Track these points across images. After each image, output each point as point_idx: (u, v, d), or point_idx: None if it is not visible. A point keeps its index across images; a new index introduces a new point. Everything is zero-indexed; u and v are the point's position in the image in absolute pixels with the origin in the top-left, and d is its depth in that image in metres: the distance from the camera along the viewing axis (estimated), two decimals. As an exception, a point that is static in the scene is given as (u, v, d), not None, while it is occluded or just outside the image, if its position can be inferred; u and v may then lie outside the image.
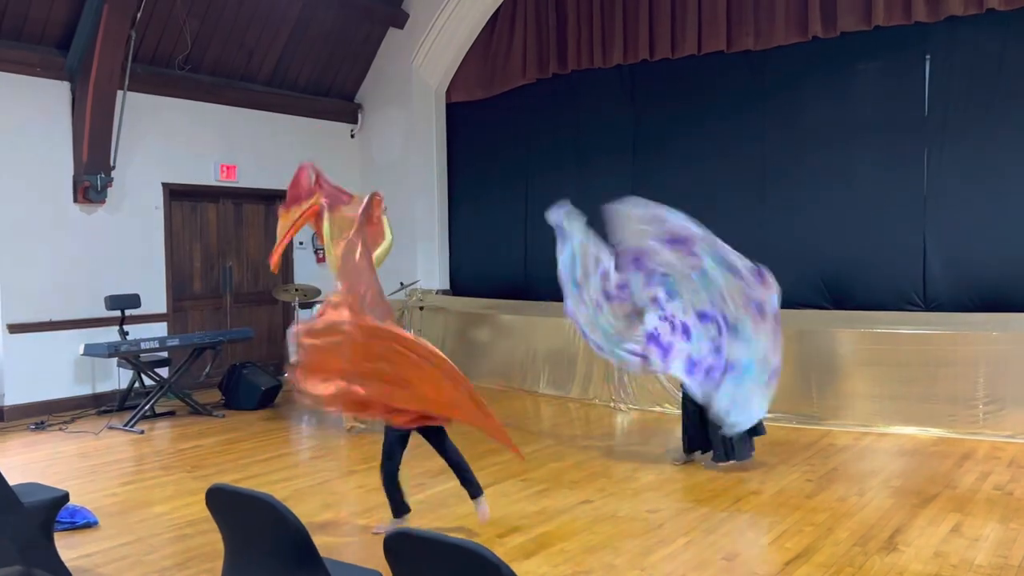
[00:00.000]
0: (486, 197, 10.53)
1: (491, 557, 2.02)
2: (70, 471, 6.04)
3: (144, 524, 4.85)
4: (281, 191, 10.22)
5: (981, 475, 5.57)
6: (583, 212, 9.53)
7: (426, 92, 10.62)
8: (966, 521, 4.64)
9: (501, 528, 4.67)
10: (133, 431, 7.31)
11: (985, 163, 7.32)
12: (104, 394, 8.41)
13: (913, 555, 4.16)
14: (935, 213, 7.56)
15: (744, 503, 5.08)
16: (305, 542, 2.50)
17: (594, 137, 9.53)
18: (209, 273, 9.72)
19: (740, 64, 8.51)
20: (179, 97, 9.17)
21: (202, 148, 9.41)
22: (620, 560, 4.19)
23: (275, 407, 8.38)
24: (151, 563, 4.25)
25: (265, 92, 10.04)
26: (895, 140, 7.72)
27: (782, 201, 8.27)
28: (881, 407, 6.89)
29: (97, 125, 8.17)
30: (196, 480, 5.76)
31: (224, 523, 2.74)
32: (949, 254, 7.49)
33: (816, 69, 8.12)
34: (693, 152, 8.80)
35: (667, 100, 9.06)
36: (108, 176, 8.35)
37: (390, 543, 2.24)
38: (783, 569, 4.02)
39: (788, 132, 8.28)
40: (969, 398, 6.61)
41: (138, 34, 8.31)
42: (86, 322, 8.24)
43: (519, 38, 9.94)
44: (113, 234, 8.58)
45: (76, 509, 4.77)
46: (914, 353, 6.86)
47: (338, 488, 5.54)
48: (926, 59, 7.60)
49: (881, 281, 7.76)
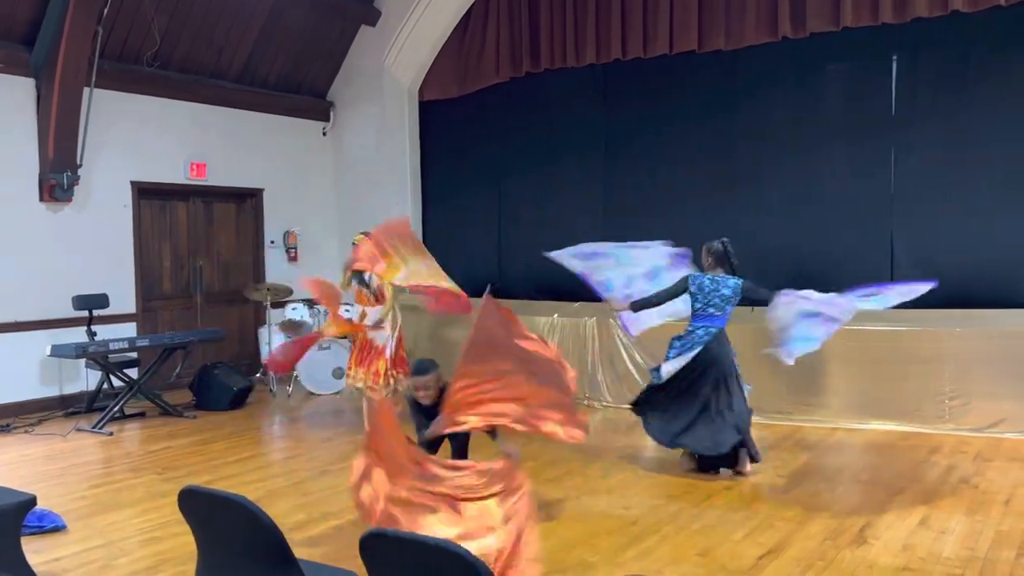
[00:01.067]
0: (459, 195, 10.51)
1: (468, 557, 2.02)
2: (37, 474, 5.95)
3: (114, 527, 4.78)
4: (252, 189, 10.18)
5: (948, 469, 5.67)
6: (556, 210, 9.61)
7: (399, 90, 10.57)
8: (933, 514, 4.72)
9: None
10: (102, 433, 7.21)
11: (951, 162, 7.44)
12: (72, 395, 8.28)
13: (882, 548, 4.23)
14: (902, 212, 7.67)
15: (717, 499, 5.13)
16: (279, 543, 2.49)
17: (567, 135, 9.56)
18: (179, 272, 9.60)
19: (711, 64, 8.57)
20: (148, 94, 9.05)
21: (171, 146, 9.29)
22: (595, 558, 4.21)
23: (247, 407, 8.31)
24: (121, 567, 4.20)
25: (235, 89, 9.94)
26: (863, 139, 7.83)
27: (752, 199, 8.34)
28: (851, 403, 6.99)
29: (63, 122, 8.04)
30: (167, 482, 5.69)
31: (197, 525, 2.72)
32: (916, 252, 7.60)
33: (786, 69, 8.21)
34: (664, 150, 8.86)
35: (639, 99, 9.10)
36: (75, 174, 8.23)
37: (366, 543, 2.23)
38: (756, 564, 4.06)
39: (758, 131, 8.36)
40: (936, 393, 6.73)
41: (105, 30, 8.19)
42: (53, 322, 8.11)
43: (492, 36, 9.93)
44: (80, 233, 8.45)
45: (44, 513, 4.69)
46: (883, 350, 6.96)
47: (312, 488, 5.51)
48: (893, 60, 7.71)
49: (849, 279, 7.80)
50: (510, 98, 9.98)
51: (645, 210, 8.93)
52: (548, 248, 9.66)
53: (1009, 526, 4.50)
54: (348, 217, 10.80)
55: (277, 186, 10.36)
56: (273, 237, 10.43)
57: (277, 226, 10.46)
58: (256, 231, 10.32)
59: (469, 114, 10.34)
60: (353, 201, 10.86)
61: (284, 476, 5.87)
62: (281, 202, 10.40)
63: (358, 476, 3.86)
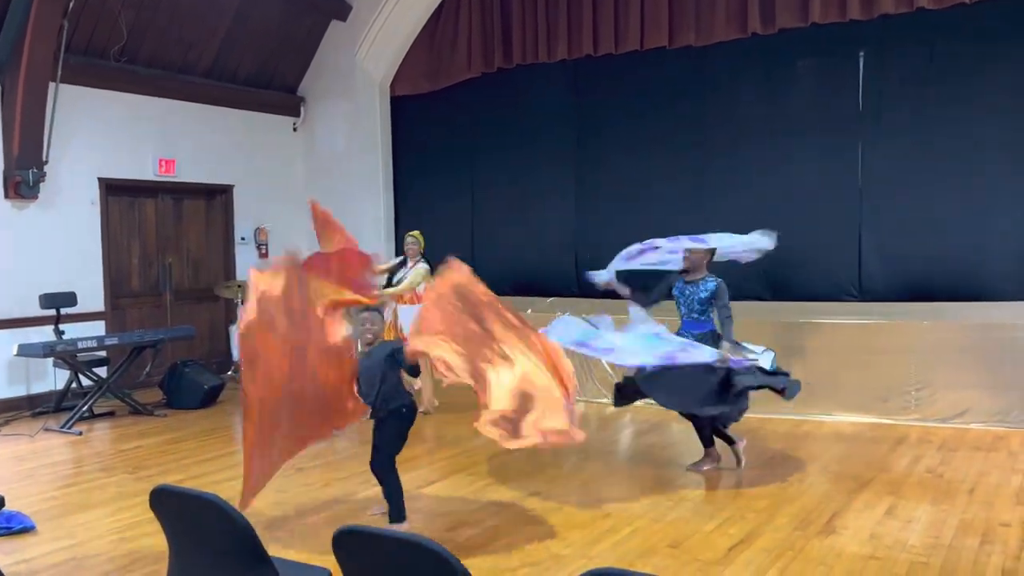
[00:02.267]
0: (432, 190, 10.49)
1: (441, 551, 2.03)
2: (5, 475, 5.87)
3: (84, 527, 4.74)
4: (222, 185, 10.08)
5: (914, 459, 5.78)
6: (529, 205, 9.62)
7: (370, 85, 10.53)
8: (900, 504, 4.81)
9: (450, 521, 4.69)
10: (71, 433, 7.12)
11: (917, 157, 7.57)
12: (39, 395, 8.17)
13: (850, 537, 4.30)
14: (870, 206, 7.78)
15: (688, 491, 5.19)
16: (253, 542, 2.48)
17: (539, 131, 9.58)
18: (148, 270, 9.50)
19: (681, 59, 8.64)
20: (115, 89, 8.93)
21: (139, 142, 9.18)
22: (568, 550, 4.24)
23: (218, 405, 8.24)
24: (92, 567, 4.16)
25: (204, 84, 9.84)
26: (831, 135, 7.93)
27: (721, 194, 8.42)
28: (818, 395, 7.08)
29: (28, 118, 7.91)
30: (138, 481, 5.65)
31: (169, 525, 2.70)
32: (884, 246, 7.73)
33: (755, 65, 8.29)
34: (635, 146, 8.92)
35: (610, 94, 9.14)
36: (41, 171, 8.10)
37: (338, 540, 2.23)
38: (727, 554, 4.12)
39: (727, 126, 8.44)
40: (902, 385, 6.85)
41: (71, 24, 8.07)
42: (19, 321, 7.99)
43: (464, 31, 9.91)
44: (47, 230, 8.32)
45: (12, 514, 4.64)
46: (850, 342, 7.08)
47: (285, 486, 5.47)
48: (860, 56, 7.82)
49: (818, 272, 7.97)
50: (482, 93, 9.98)
51: (616, 205, 8.98)
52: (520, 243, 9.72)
53: (973, 514, 4.60)
54: (320, 213, 10.71)
55: (247, 182, 10.28)
56: (243, 234, 10.35)
57: (247, 223, 10.38)
58: (226, 228, 10.24)
59: (441, 109, 10.32)
60: (324, 197, 10.67)
61: (257, 474, 5.82)
62: (251, 198, 10.32)
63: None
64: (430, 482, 5.49)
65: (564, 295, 9.11)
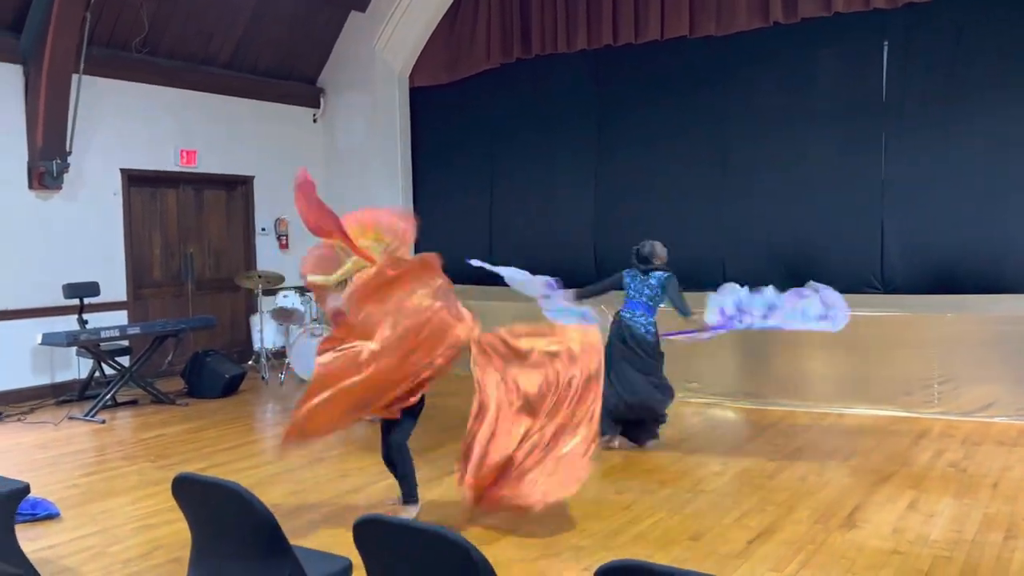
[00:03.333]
0: (451, 182, 10.49)
1: (461, 541, 2.04)
2: (29, 462, 5.94)
3: (107, 515, 4.79)
4: (243, 176, 10.13)
5: (936, 453, 5.72)
6: (548, 196, 9.60)
7: (389, 76, 10.53)
8: (922, 498, 4.77)
9: (468, 512, 4.69)
10: (94, 421, 7.21)
11: (941, 148, 7.47)
12: (63, 384, 8.26)
13: (872, 531, 4.27)
14: (893, 197, 7.70)
15: (708, 483, 5.17)
16: (274, 530, 2.50)
17: (558, 122, 9.54)
18: (170, 260, 9.58)
19: (702, 49, 8.56)
20: (137, 81, 8.99)
21: (161, 133, 9.24)
22: (587, 542, 4.24)
23: (239, 395, 8.31)
24: (115, 554, 4.21)
25: (225, 75, 9.88)
26: (854, 125, 7.84)
27: (743, 186, 8.36)
28: (840, 388, 7.04)
29: (52, 110, 7.98)
30: (160, 470, 5.70)
31: (191, 513, 2.72)
32: (906, 238, 7.64)
33: (777, 54, 8.21)
34: (656, 137, 8.86)
35: (630, 85, 9.09)
36: (64, 162, 8.18)
37: (359, 529, 2.24)
38: (746, 547, 4.10)
39: (749, 117, 8.36)
40: (924, 378, 6.78)
41: (93, 16, 8.12)
42: (44, 311, 8.08)
43: (483, 22, 9.89)
44: (70, 221, 8.41)
45: (37, 501, 4.70)
46: (872, 335, 7.00)
47: (305, 475, 5.52)
48: (884, 45, 7.72)
49: (840, 264, 7.89)
50: (501, 84, 9.96)
51: (636, 196, 8.94)
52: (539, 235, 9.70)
53: (997, 509, 4.54)
54: (338, 204, 10.63)
55: (267, 173, 10.32)
56: (264, 224, 10.40)
57: (268, 213, 10.43)
58: (247, 218, 10.29)
59: (460, 100, 10.31)
60: (344, 187, 10.80)
61: (276, 463, 5.87)
62: (272, 189, 10.36)
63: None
64: (449, 472, 5.49)
65: (583, 286, 9.07)
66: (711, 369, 7.43)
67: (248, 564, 2.55)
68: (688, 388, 7.32)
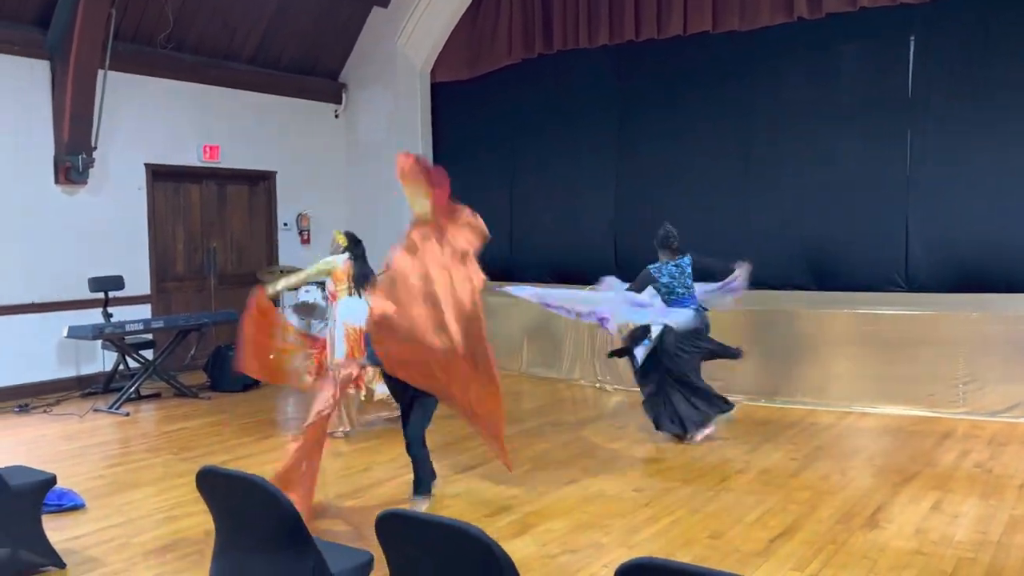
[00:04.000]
0: (471, 177, 10.44)
1: (483, 537, 2.04)
2: (55, 453, 6.02)
3: (131, 506, 4.84)
4: (265, 171, 10.19)
5: (961, 453, 5.66)
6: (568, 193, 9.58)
7: (411, 71, 10.54)
8: (946, 498, 4.72)
9: (489, 508, 4.71)
10: (118, 413, 7.29)
11: (967, 145, 7.37)
12: (88, 376, 8.36)
13: (895, 532, 4.23)
14: (918, 194, 7.61)
15: (729, 482, 5.14)
16: (296, 524, 2.52)
17: (580, 117, 9.52)
18: (193, 255, 9.66)
19: (725, 45, 8.50)
20: (161, 76, 9.07)
21: (185, 128, 9.32)
22: (607, 539, 4.23)
23: (260, 389, 8.36)
24: (139, 545, 4.26)
25: (248, 71, 9.94)
26: (879, 121, 7.76)
27: (766, 182, 8.30)
28: (863, 387, 6.97)
29: (78, 105, 8.07)
30: (183, 462, 5.76)
31: (215, 505, 2.75)
32: (931, 235, 7.55)
33: (801, 50, 8.13)
34: (678, 133, 8.81)
35: (653, 80, 9.05)
36: (90, 156, 8.27)
37: (381, 523, 2.25)
38: (767, 546, 4.07)
39: (772, 113, 8.30)
40: (949, 377, 6.70)
41: (119, 11, 8.20)
42: (70, 304, 8.18)
43: (505, 17, 9.88)
44: (96, 215, 8.50)
45: (63, 491, 4.76)
46: (896, 333, 6.93)
47: (327, 468, 5.53)
48: (910, 41, 7.62)
49: (864, 262, 7.82)
50: (523, 79, 9.94)
51: (658, 193, 8.89)
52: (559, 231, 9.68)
53: (1023, 511, 4.49)
54: (360, 199, 10.82)
55: (290, 168, 10.38)
56: (286, 219, 10.46)
57: (290, 208, 10.49)
58: (269, 213, 10.36)
59: (482, 96, 10.31)
60: (365, 183, 10.87)
61: (298, 457, 5.90)
62: (294, 184, 10.42)
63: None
64: (469, 468, 5.51)
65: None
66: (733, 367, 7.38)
67: (271, 557, 2.57)
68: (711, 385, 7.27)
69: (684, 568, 1.79)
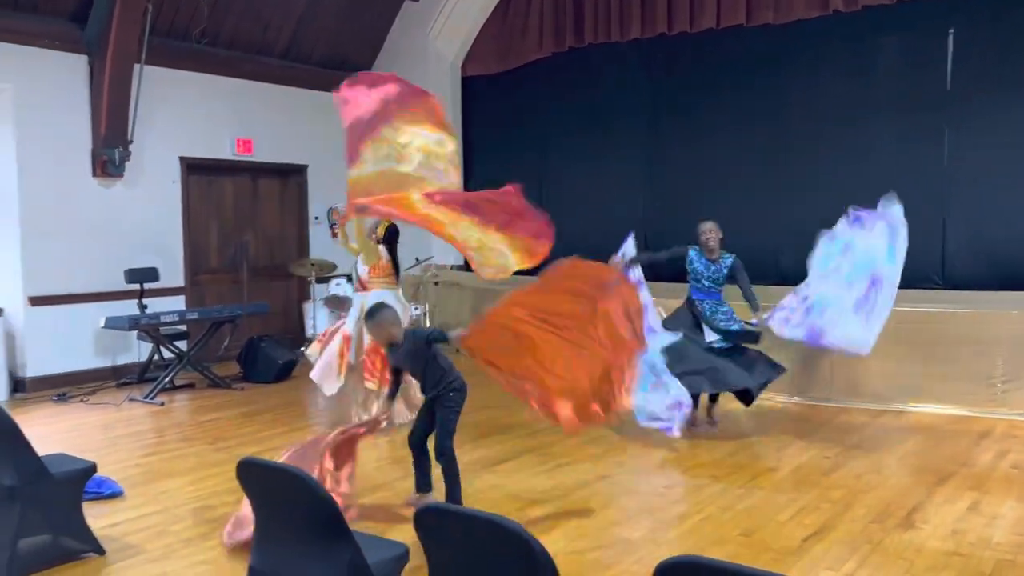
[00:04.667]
0: (501, 171, 10.39)
1: (523, 533, 2.05)
2: (93, 442, 6.13)
3: (168, 495, 4.92)
4: (297, 165, 10.26)
5: (999, 453, 5.57)
6: (598, 188, 9.54)
7: (441, 65, 10.56)
8: (984, 499, 4.65)
9: (519, 502, 4.71)
10: (153, 403, 7.40)
11: (1007, 139, 7.25)
12: (124, 366, 8.50)
13: (931, 532, 4.18)
14: (955, 190, 7.50)
15: (761, 480, 5.11)
16: (335, 516, 2.54)
17: (611, 111, 9.48)
18: (225, 247, 9.76)
19: (759, 38, 8.43)
20: (195, 71, 9.17)
21: (218, 122, 9.42)
22: (638, 535, 4.23)
23: (292, 380, 8.45)
24: (177, 533, 4.32)
25: (280, 65, 10.02)
26: (916, 115, 7.65)
27: (800, 176, 8.22)
28: (898, 385, 6.89)
29: (115, 98, 8.18)
30: (217, 452, 5.84)
31: (255, 496, 2.78)
32: (969, 232, 7.44)
33: (836, 43, 8.04)
34: (710, 127, 8.75)
35: (685, 74, 8.99)
36: (126, 150, 8.38)
37: (420, 517, 2.27)
38: (801, 545, 4.05)
39: (807, 107, 8.21)
40: (987, 376, 6.60)
41: (154, 7, 8.30)
42: (106, 295, 8.32)
43: (536, 11, 9.86)
44: (131, 208, 8.62)
45: (102, 479, 4.84)
46: (932, 331, 6.84)
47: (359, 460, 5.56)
48: (949, 33, 7.50)
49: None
50: (554, 73, 9.92)
51: (690, 188, 8.84)
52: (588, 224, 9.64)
53: (1062, 513, 4.42)
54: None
55: (321, 162, 10.45)
56: (317, 213, 10.53)
57: (321, 202, 10.56)
58: (300, 207, 10.44)
59: (512, 90, 10.30)
60: (396, 177, 10.90)
61: (330, 448, 5.95)
62: (325, 178, 10.48)
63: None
64: (500, 461, 5.53)
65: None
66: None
67: (310, 548, 2.60)
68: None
69: (726, 566, 1.77)
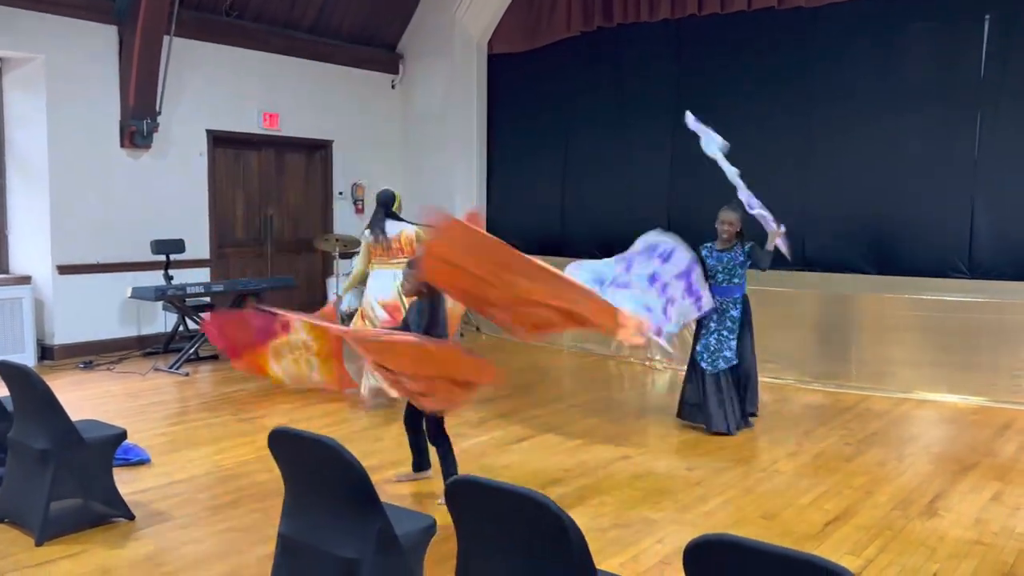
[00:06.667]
0: (525, 150, 10.48)
1: (554, 508, 2.07)
2: (120, 410, 6.22)
3: (194, 463, 5.00)
4: (322, 140, 10.29)
5: (1021, 445, 5.54)
6: (623, 169, 9.50)
7: (468, 43, 10.52)
8: (1007, 490, 4.64)
9: (541, 479, 4.75)
10: (178, 373, 7.49)
11: (1041, 129, 7.14)
12: (149, 336, 8.60)
13: (954, 521, 4.18)
14: (985, 179, 7.39)
15: (782, 464, 5.11)
16: (366, 486, 2.58)
17: (637, 92, 9.41)
18: (251, 220, 9.82)
19: (791, 21, 8.31)
20: (224, 44, 9.18)
21: (245, 95, 9.44)
22: (659, 515, 4.25)
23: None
24: (203, 501, 4.40)
25: (308, 40, 10.02)
26: (947, 102, 7.53)
27: (828, 163, 8.14)
28: (921, 374, 6.86)
29: (144, 70, 8.22)
30: (241, 422, 5.91)
31: (286, 466, 2.82)
32: (997, 221, 7.35)
33: (869, 27, 7.91)
34: (739, 110, 8.64)
35: (714, 56, 8.89)
36: (154, 121, 8.43)
37: (452, 489, 2.30)
38: (822, 530, 4.06)
39: (836, 92, 8.10)
40: (1011, 367, 6.55)
41: (184, -21, 8.31)
42: (132, 265, 8.40)
43: (564, -11, 9.77)
44: (159, 179, 8.68)
45: (130, 446, 4.93)
46: (957, 321, 6.79)
47: (383, 435, 5.64)
48: (985, 19, 7.37)
49: (925, 247, 7.65)
50: (581, 53, 9.85)
51: (714, 170, 8.75)
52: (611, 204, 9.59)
53: (1086, 505, 4.40)
54: (414, 170, 10.89)
55: (346, 138, 10.46)
56: (341, 189, 10.56)
57: (346, 178, 10.59)
58: (325, 182, 10.47)
59: (539, 68, 10.25)
60: (420, 154, 10.93)
61: (354, 422, 6.03)
62: (350, 154, 10.51)
63: None
64: (521, 439, 5.56)
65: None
66: (788, 349, 7.32)
67: (340, 517, 2.64)
68: (765, 368, 7.21)
69: (756, 545, 1.78)
